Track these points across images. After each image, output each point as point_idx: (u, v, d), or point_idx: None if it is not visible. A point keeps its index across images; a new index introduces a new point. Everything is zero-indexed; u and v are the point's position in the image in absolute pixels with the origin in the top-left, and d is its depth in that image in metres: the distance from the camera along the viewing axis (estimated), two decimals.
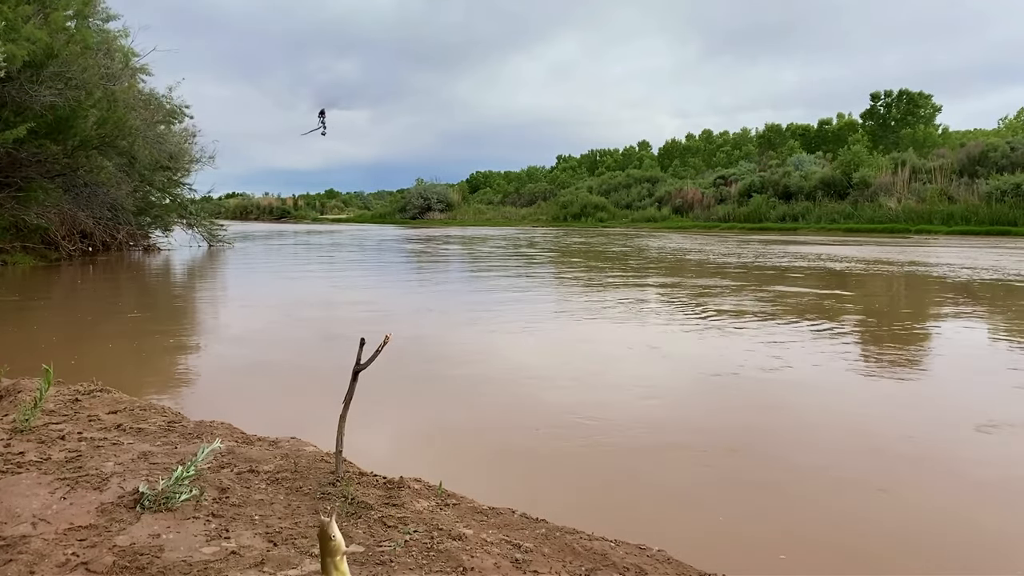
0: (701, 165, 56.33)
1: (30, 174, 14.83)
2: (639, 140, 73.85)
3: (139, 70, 17.94)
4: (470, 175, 78.57)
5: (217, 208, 28.98)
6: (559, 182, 60.86)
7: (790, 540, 2.52)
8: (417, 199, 57.85)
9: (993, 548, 2.48)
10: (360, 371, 2.52)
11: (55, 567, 1.83)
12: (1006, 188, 27.14)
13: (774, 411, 4.12)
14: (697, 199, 40.10)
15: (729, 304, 8.42)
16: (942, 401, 4.36)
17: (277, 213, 70.54)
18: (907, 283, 11.01)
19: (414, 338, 6.22)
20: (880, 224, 29.27)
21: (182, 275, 14.03)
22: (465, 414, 4.09)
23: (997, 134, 43.19)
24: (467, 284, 11.46)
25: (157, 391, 4.48)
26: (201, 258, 17.66)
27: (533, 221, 47.82)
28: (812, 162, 40.22)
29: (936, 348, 6.08)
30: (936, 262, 14.45)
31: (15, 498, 2.24)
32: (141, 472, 2.51)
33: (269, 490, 2.42)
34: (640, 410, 4.09)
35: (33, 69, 13.21)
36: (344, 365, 2.63)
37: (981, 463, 3.27)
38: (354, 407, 2.55)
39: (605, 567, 2.02)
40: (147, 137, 17.16)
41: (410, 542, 2.06)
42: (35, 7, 13.82)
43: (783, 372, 4.98)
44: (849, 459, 3.29)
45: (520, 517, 2.38)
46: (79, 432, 2.96)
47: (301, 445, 3.00)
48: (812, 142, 51.95)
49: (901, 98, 47.39)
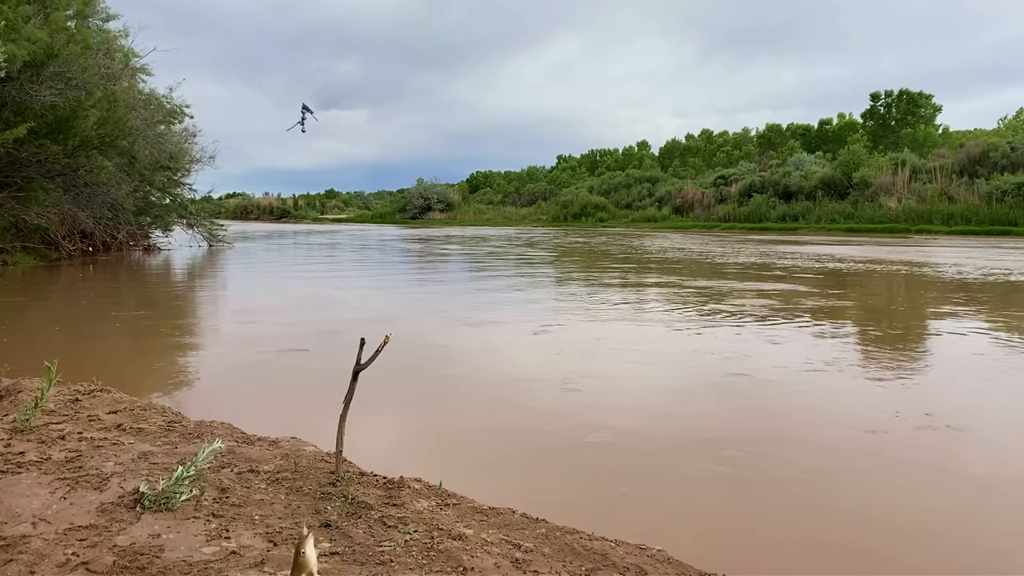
0: (701, 165, 56.32)
1: (30, 174, 14.83)
2: (639, 140, 73.92)
3: (139, 70, 17.93)
4: (470, 175, 78.63)
5: (217, 208, 28.95)
6: (559, 182, 60.87)
7: (790, 540, 2.52)
8: (417, 199, 57.86)
9: (993, 548, 2.48)
10: (360, 371, 2.52)
11: (55, 567, 1.83)
12: (1006, 188, 27.14)
13: (775, 410, 4.12)
14: (697, 199, 40.09)
15: (730, 304, 8.42)
16: (943, 401, 4.35)
17: (277, 213, 70.55)
18: (909, 283, 11.01)
19: (414, 338, 6.22)
20: (880, 224, 29.26)
21: (182, 275, 14.03)
22: (465, 414, 4.09)
23: (997, 134, 43.19)
24: (467, 284, 11.46)
25: (157, 391, 4.48)
26: (201, 258, 17.66)
27: (533, 221, 47.80)
28: (812, 162, 40.22)
29: (937, 348, 6.08)
30: (938, 262, 14.45)
31: (15, 498, 2.24)
32: (141, 472, 2.51)
33: (269, 490, 2.42)
34: (640, 410, 4.09)
35: (33, 69, 13.20)
36: (344, 365, 2.63)
37: (982, 463, 3.27)
38: (354, 407, 2.55)
39: (605, 567, 2.02)
40: (147, 137, 17.15)
41: (410, 542, 2.06)
42: (35, 7, 13.82)
43: (784, 372, 4.98)
44: (850, 459, 3.29)
45: (520, 517, 2.38)
46: (79, 432, 2.96)
47: (301, 445, 3.00)
48: (812, 142, 51.96)
49: (901, 98, 47.36)
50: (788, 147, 51.05)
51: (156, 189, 19.38)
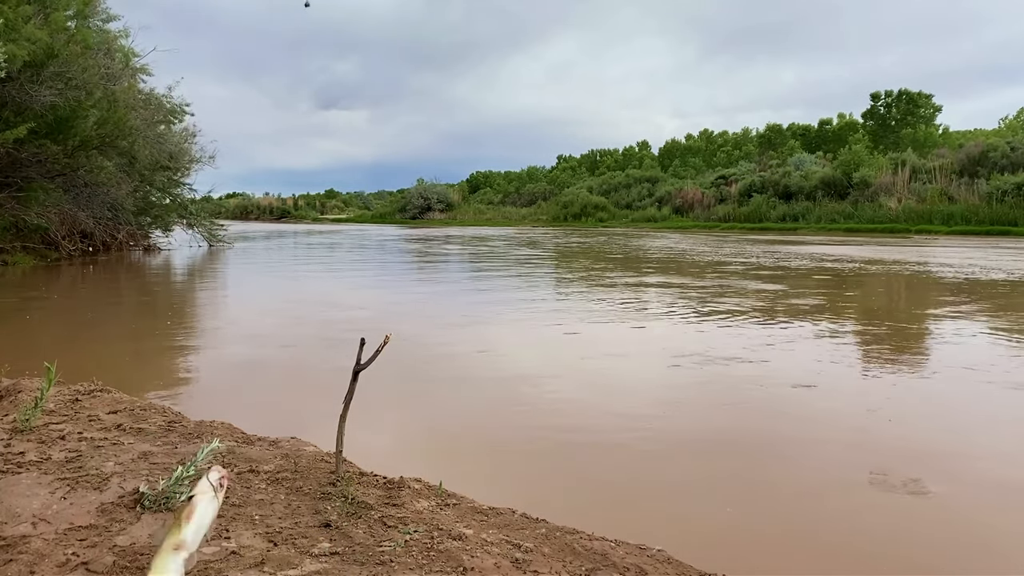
0: (701, 165, 56.34)
1: (30, 174, 14.82)
2: (639, 140, 73.94)
3: (139, 70, 17.94)
4: (470, 175, 78.71)
5: (217, 208, 28.96)
6: (559, 182, 60.89)
7: (791, 540, 2.52)
8: (417, 199, 57.86)
9: (993, 548, 2.48)
10: (360, 371, 2.52)
11: (55, 567, 1.83)
12: (1006, 188, 27.14)
13: (775, 411, 4.12)
14: (697, 199, 40.10)
15: (730, 304, 8.42)
16: (943, 402, 4.36)
17: (277, 213, 70.55)
18: (910, 283, 11.01)
19: (414, 338, 6.22)
20: (880, 224, 29.27)
21: (182, 275, 14.03)
22: (465, 414, 4.09)
23: (997, 134, 43.21)
24: (467, 284, 11.46)
25: (157, 391, 4.48)
26: (201, 258, 17.66)
27: (533, 221, 47.81)
28: (812, 162, 40.24)
29: (939, 348, 6.08)
30: (939, 262, 14.45)
31: (15, 498, 2.24)
32: (141, 472, 2.51)
33: (269, 490, 2.42)
34: (640, 409, 4.09)
35: (33, 69, 13.20)
36: (344, 365, 2.63)
37: (982, 463, 3.26)
38: (354, 407, 2.55)
39: (605, 567, 2.02)
40: (147, 137, 17.15)
41: (410, 542, 2.06)
42: (35, 7, 13.82)
43: (785, 372, 4.98)
44: (851, 459, 3.29)
45: (520, 517, 2.38)
46: (79, 432, 2.96)
47: (301, 445, 3.00)
48: (812, 142, 51.98)
49: (901, 98, 47.39)
50: (788, 147, 51.07)
51: (156, 189, 19.38)
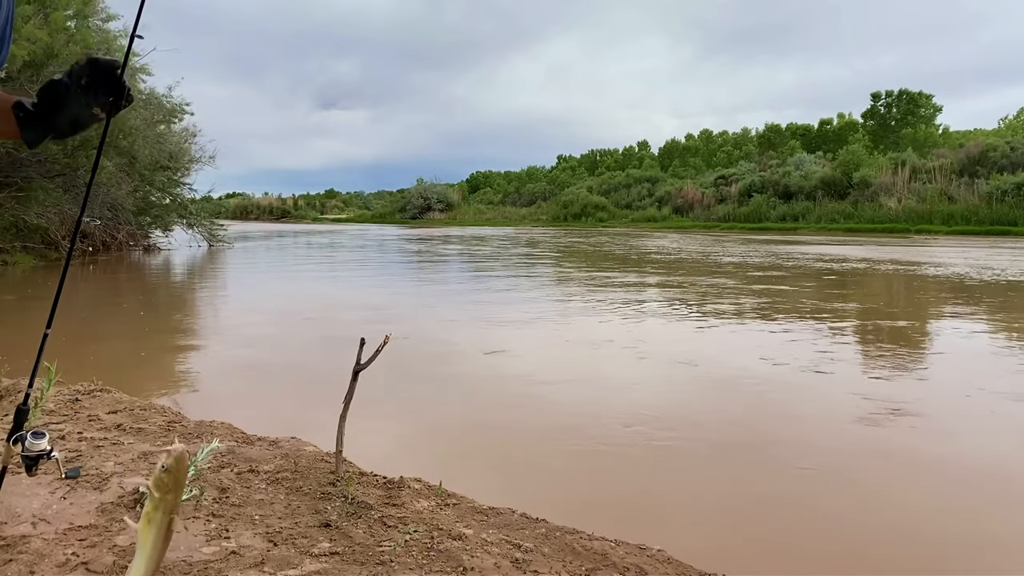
0: (701, 165, 56.34)
1: (30, 174, 14.82)
2: (639, 140, 74.01)
3: (139, 70, 17.91)
4: (470, 175, 78.76)
5: (217, 208, 28.89)
6: (559, 182, 60.87)
7: (791, 540, 2.52)
8: (417, 199, 57.84)
9: (993, 548, 2.48)
10: (360, 371, 2.52)
11: (55, 567, 1.83)
12: (1006, 188, 27.14)
13: (775, 411, 4.12)
14: (697, 199, 40.10)
15: (730, 304, 8.42)
16: (944, 402, 4.35)
17: (277, 213, 70.51)
18: (910, 283, 11.01)
19: (414, 338, 6.22)
20: (880, 224, 29.26)
21: (182, 275, 14.03)
22: (465, 414, 4.09)
23: (997, 134, 43.18)
24: (467, 284, 11.46)
25: (157, 391, 4.48)
26: (201, 258, 17.66)
27: (533, 221, 47.80)
28: (812, 162, 40.22)
29: (940, 349, 6.08)
30: (939, 262, 14.45)
31: (15, 498, 2.24)
32: (141, 472, 2.51)
33: (269, 490, 2.42)
34: (641, 409, 4.09)
35: (33, 69, 13.19)
36: (344, 365, 2.63)
37: (983, 463, 3.26)
38: (354, 407, 2.55)
39: (605, 567, 2.02)
40: (147, 137, 17.14)
41: (410, 542, 2.06)
42: (35, 7, 13.81)
43: (785, 372, 4.98)
44: (851, 460, 3.29)
45: (520, 517, 2.38)
46: (79, 432, 2.96)
47: (301, 445, 3.00)
48: (812, 142, 51.94)
49: (901, 98, 47.39)
50: (788, 147, 51.04)
51: (156, 189, 19.36)
